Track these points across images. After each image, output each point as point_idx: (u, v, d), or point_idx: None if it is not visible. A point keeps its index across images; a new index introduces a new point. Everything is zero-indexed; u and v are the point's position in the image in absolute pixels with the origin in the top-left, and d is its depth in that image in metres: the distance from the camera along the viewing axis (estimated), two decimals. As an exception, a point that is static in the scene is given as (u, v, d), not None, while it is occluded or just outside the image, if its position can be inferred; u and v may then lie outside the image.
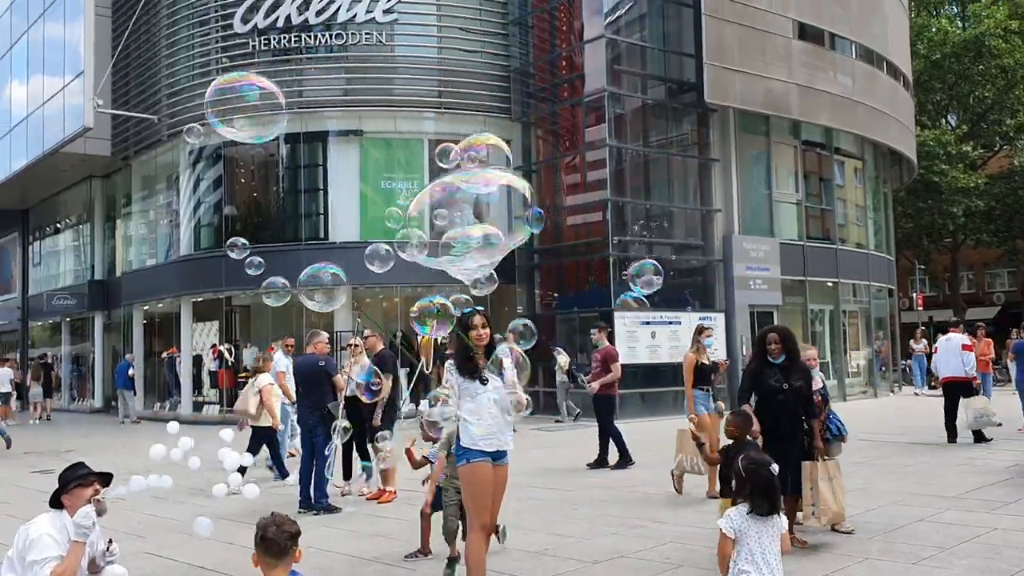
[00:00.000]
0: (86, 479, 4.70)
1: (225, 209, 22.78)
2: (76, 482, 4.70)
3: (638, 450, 12.45)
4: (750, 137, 22.68)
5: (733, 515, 4.11)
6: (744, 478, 4.18)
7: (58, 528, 4.53)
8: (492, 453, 5.38)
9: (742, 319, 21.18)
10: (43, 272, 33.71)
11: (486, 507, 5.34)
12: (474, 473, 5.34)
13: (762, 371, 7.17)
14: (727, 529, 4.07)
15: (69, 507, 4.60)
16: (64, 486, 4.70)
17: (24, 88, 28.33)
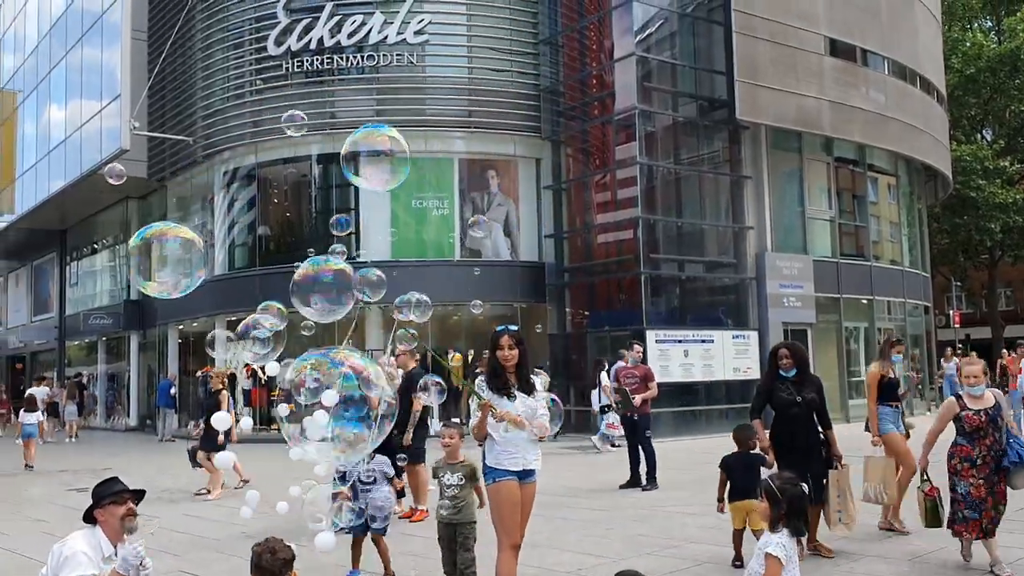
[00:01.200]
0: (120, 496, 4.67)
1: (259, 229, 23.02)
2: (110, 499, 4.66)
3: (671, 469, 12.36)
4: (782, 154, 22.55)
5: (784, 541, 3.98)
6: (779, 499, 4.07)
7: (92, 546, 4.52)
8: (518, 472, 5.37)
9: (776, 337, 20.91)
10: (80, 292, 34.18)
11: (515, 526, 5.32)
12: (500, 492, 5.33)
13: (775, 385, 7.43)
14: (783, 557, 3.94)
15: (102, 523, 4.58)
16: (98, 502, 4.68)
17: (63, 111, 28.87)
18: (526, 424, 5.35)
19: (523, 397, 5.45)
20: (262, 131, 22.42)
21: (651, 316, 19.57)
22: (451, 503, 5.92)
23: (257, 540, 6.83)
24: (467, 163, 22.28)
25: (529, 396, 5.48)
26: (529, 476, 5.39)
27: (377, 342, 21.31)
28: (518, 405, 5.41)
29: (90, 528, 4.58)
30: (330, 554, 6.06)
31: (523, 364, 5.53)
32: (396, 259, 21.52)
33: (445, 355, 21.74)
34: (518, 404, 5.42)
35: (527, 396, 5.47)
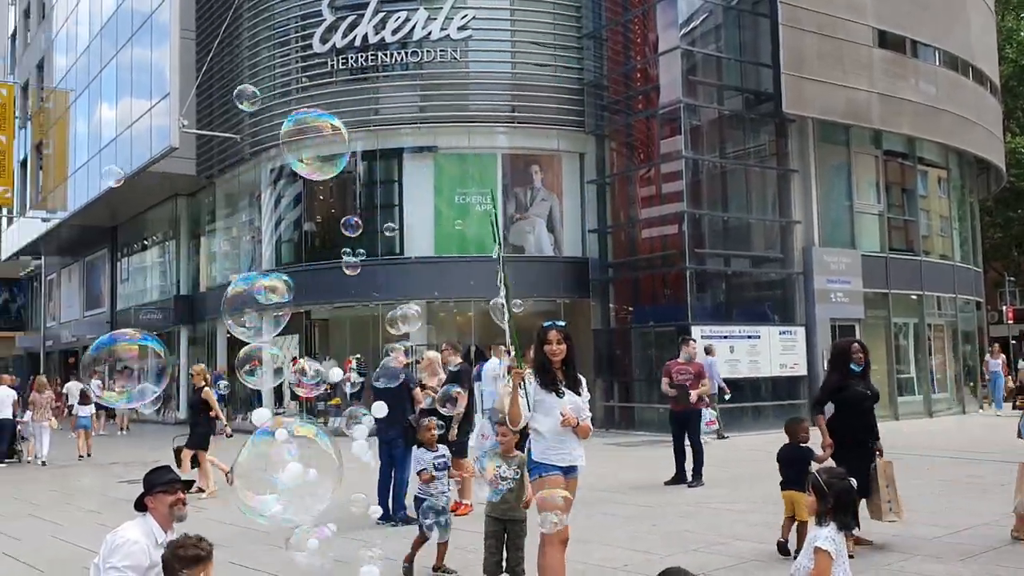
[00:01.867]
0: (171, 486, 4.76)
1: (304, 225, 23.26)
2: (161, 487, 4.74)
3: (715, 466, 12.27)
4: (830, 147, 22.23)
5: (833, 535, 3.95)
6: (827, 492, 4.04)
7: (145, 533, 4.61)
8: (564, 467, 5.38)
9: (823, 333, 20.71)
10: (131, 288, 34.82)
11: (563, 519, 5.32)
12: (547, 486, 5.33)
13: (847, 381, 7.56)
14: (833, 551, 3.91)
15: (152, 510, 4.66)
16: (149, 489, 4.77)
17: (113, 110, 29.38)
18: (572, 423, 5.36)
19: (570, 394, 5.45)
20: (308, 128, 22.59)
21: (696, 312, 19.42)
22: (505, 498, 5.88)
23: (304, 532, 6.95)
24: (510, 158, 22.29)
25: (577, 394, 5.48)
26: (573, 472, 5.41)
27: (421, 339, 21.44)
28: (565, 402, 5.41)
29: (142, 516, 4.67)
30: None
31: (570, 360, 5.53)
32: (439, 255, 21.62)
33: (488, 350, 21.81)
34: (565, 401, 5.42)
35: (574, 393, 5.47)
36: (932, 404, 23.08)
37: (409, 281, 21.44)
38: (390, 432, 9.63)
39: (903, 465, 12.89)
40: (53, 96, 36.53)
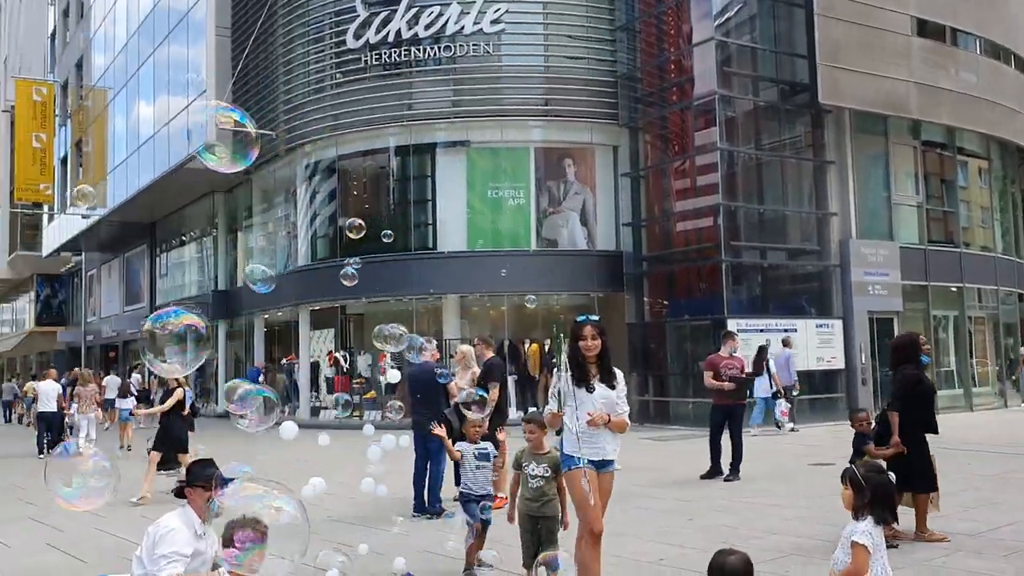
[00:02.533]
0: (208, 482, 4.85)
1: (339, 221, 23.39)
2: (201, 482, 4.85)
3: (752, 460, 12.20)
4: (867, 138, 21.95)
5: (870, 529, 3.91)
6: (863, 486, 4.00)
7: (186, 523, 4.70)
8: (596, 461, 5.38)
9: (861, 326, 20.49)
10: (170, 283, 35.28)
11: (597, 516, 5.30)
12: (576, 479, 5.34)
13: (922, 373, 7.61)
14: (871, 545, 3.88)
15: (190, 500, 4.78)
16: (190, 481, 4.87)
17: (151, 107, 29.76)
18: (600, 422, 5.35)
19: (602, 390, 5.45)
20: (342, 124, 22.79)
21: (732, 305, 19.28)
22: (536, 495, 5.88)
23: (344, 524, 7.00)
24: (543, 152, 22.26)
25: (611, 388, 5.49)
26: (607, 466, 5.42)
27: (455, 331, 21.54)
28: (596, 397, 5.41)
29: (182, 507, 4.76)
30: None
31: (605, 354, 5.54)
32: (472, 250, 21.66)
33: (521, 344, 21.86)
34: (596, 396, 5.41)
35: (608, 388, 5.47)
36: (973, 398, 22.75)
37: (442, 276, 21.52)
38: (426, 426, 9.66)
39: (943, 460, 12.75)
40: (92, 94, 37.08)
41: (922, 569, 6.54)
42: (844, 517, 8.22)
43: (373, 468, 6.11)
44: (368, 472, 6.38)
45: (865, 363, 20.38)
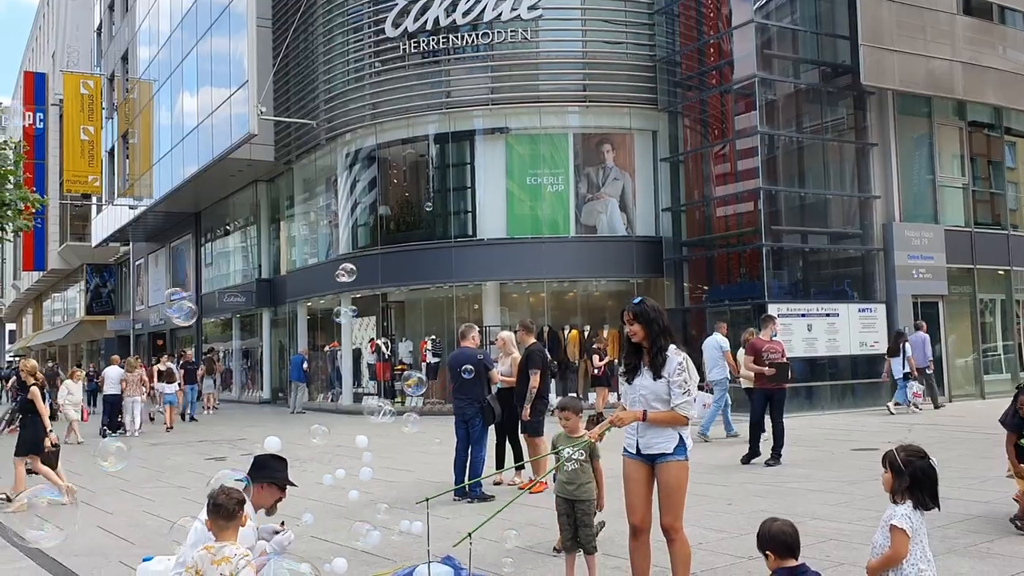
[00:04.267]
0: (283, 482, 5.05)
1: (380, 209, 23.60)
2: (278, 483, 5.04)
3: (792, 446, 12.16)
4: (911, 119, 21.60)
5: (908, 513, 3.90)
6: (903, 470, 3.98)
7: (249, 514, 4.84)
8: (634, 452, 5.20)
9: (904, 310, 20.24)
10: (215, 272, 35.83)
11: (631, 506, 5.23)
12: (623, 469, 5.32)
13: None
14: (909, 529, 3.87)
15: (256, 493, 4.92)
16: (267, 475, 5.01)
17: (194, 99, 30.18)
18: (609, 427, 5.25)
19: (644, 379, 5.14)
20: (381, 112, 22.95)
21: (773, 289, 19.14)
22: (571, 478, 5.93)
23: (384, 507, 7.15)
24: (582, 138, 22.23)
25: (658, 377, 5.11)
26: (660, 459, 5.10)
27: (494, 318, 21.64)
28: (637, 387, 5.17)
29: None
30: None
31: (654, 340, 5.15)
32: (512, 237, 21.73)
33: (561, 331, 21.90)
34: (637, 386, 5.17)
35: (653, 378, 5.11)
36: (1020, 383, 22.34)
37: (482, 263, 21.63)
38: (467, 411, 9.79)
39: (990, 444, 12.61)
40: (137, 87, 37.67)
41: (968, 551, 6.51)
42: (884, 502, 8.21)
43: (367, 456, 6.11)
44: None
45: (910, 347, 20.10)
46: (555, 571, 6.02)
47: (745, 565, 6.36)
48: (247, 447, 15.94)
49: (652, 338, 5.14)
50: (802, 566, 3.64)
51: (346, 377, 25.02)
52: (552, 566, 6.07)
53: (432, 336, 22.64)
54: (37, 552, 7.80)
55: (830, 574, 6.01)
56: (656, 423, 5.05)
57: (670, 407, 5.03)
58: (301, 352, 25.75)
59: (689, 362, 5.18)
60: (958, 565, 6.13)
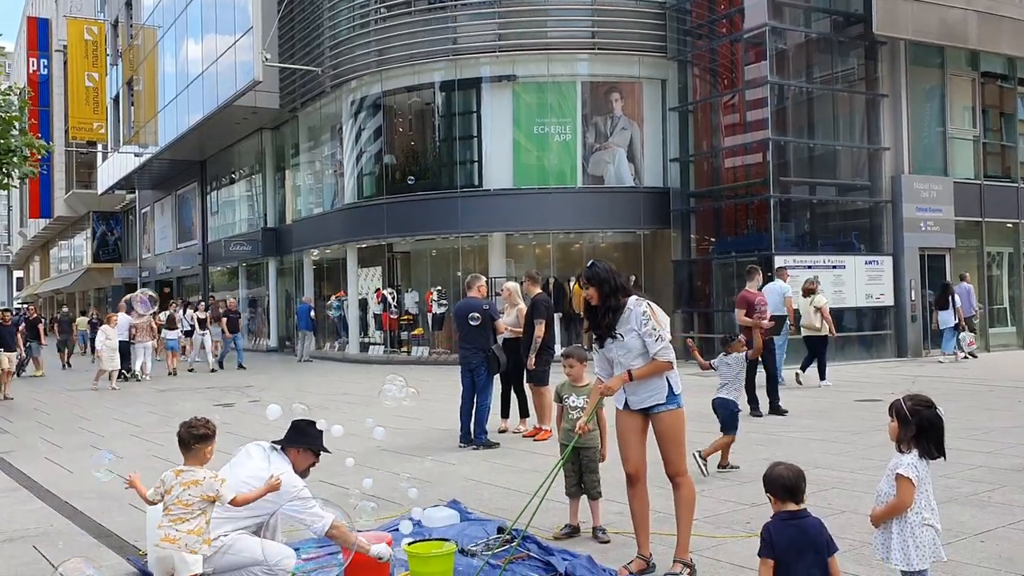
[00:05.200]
0: (318, 451, 5.15)
1: (385, 158, 23.48)
2: (314, 449, 5.13)
3: (797, 396, 12.22)
4: (922, 70, 21.34)
5: (914, 462, 3.91)
6: (909, 419, 3.99)
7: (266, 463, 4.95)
8: (626, 404, 5.22)
9: (911, 262, 20.20)
10: (220, 220, 35.82)
11: (625, 456, 5.24)
12: (616, 421, 5.37)
13: None
14: (915, 478, 3.89)
15: (294, 460, 5.03)
16: (306, 441, 5.10)
17: (199, 46, 29.90)
18: (601, 400, 5.32)
19: (614, 343, 5.13)
20: (387, 59, 22.72)
21: (780, 241, 19.10)
22: (575, 426, 5.96)
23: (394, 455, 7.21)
24: (590, 86, 22.00)
25: (613, 338, 5.11)
26: (653, 410, 5.14)
27: (500, 269, 21.66)
28: (608, 352, 5.17)
29: (283, 458, 5.01)
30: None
31: (602, 300, 5.13)
32: (518, 187, 21.63)
33: (567, 283, 21.91)
34: (608, 351, 5.17)
35: (620, 336, 5.09)
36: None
37: (488, 213, 21.57)
38: (472, 360, 9.85)
39: (994, 396, 12.66)
40: (142, 33, 37.33)
41: (968, 500, 6.57)
42: (887, 452, 8.28)
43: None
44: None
45: (915, 300, 20.14)
46: (559, 516, 6.10)
47: (747, 512, 6.43)
48: (255, 394, 16.09)
49: (602, 298, 5.13)
50: (803, 511, 3.67)
51: (352, 327, 25.13)
52: (556, 512, 6.15)
53: (438, 287, 22.67)
54: (48, 493, 7.93)
55: (831, 522, 6.05)
56: (643, 378, 5.07)
57: (650, 358, 5.03)
58: (304, 301, 25.83)
59: (654, 307, 5.11)
60: (959, 513, 6.19)
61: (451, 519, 6.14)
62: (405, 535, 5.47)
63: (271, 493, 4.72)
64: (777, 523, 3.65)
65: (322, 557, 5.50)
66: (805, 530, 3.62)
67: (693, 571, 5.01)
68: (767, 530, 3.64)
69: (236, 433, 10.92)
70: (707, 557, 5.35)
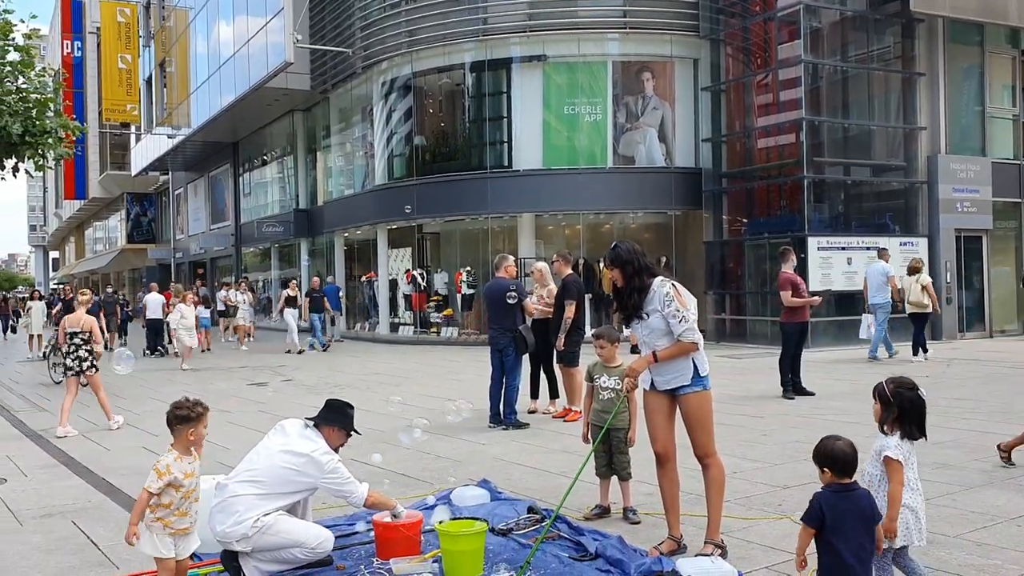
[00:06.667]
0: (348, 429, 5.17)
1: (415, 139, 23.49)
2: (346, 429, 5.16)
3: (829, 378, 12.12)
4: (961, 48, 20.95)
5: (899, 444, 3.95)
6: (891, 402, 4.03)
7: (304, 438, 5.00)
8: (651, 386, 5.21)
9: (947, 244, 19.93)
10: (253, 201, 36.05)
11: (653, 435, 5.24)
12: (643, 401, 5.35)
13: None
14: (901, 458, 3.92)
15: (327, 436, 5.04)
16: (340, 421, 5.12)
17: (230, 27, 30.01)
18: (634, 384, 5.27)
19: (639, 324, 5.14)
20: (417, 40, 22.67)
21: (813, 222, 18.90)
22: (607, 406, 5.94)
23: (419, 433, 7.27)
24: (621, 66, 21.83)
25: (639, 319, 5.10)
26: (678, 391, 5.12)
27: (529, 250, 21.63)
28: (636, 328, 5.18)
29: (317, 433, 5.02)
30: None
31: (627, 281, 5.11)
32: (548, 168, 21.55)
33: (597, 264, 21.82)
34: (635, 327, 5.18)
35: (646, 316, 5.08)
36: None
37: (518, 194, 21.52)
38: (501, 341, 9.85)
39: None
40: (174, 14, 37.53)
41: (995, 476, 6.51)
42: (921, 435, 8.19)
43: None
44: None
45: (950, 282, 19.87)
46: (589, 497, 6.10)
47: (779, 494, 6.40)
48: (288, 373, 16.22)
49: (627, 279, 5.12)
50: (854, 483, 3.73)
51: (383, 307, 25.25)
52: (587, 492, 6.15)
53: (467, 267, 22.70)
54: (86, 470, 8.06)
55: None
56: (667, 359, 5.04)
57: (675, 339, 5.00)
58: (331, 282, 25.95)
59: (679, 288, 5.08)
60: (995, 497, 6.12)
61: (481, 498, 6.16)
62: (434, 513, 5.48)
63: (310, 467, 4.78)
64: (829, 495, 3.69)
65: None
66: (857, 502, 3.68)
67: (724, 552, 5.00)
68: (818, 501, 3.68)
69: (269, 412, 11.05)
70: (738, 538, 5.33)
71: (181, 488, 4.28)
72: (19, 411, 12.36)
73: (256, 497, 4.70)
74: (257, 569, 4.69)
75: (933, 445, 7.91)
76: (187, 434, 4.40)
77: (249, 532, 4.60)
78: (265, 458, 4.88)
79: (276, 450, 4.90)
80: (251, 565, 4.68)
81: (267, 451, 4.92)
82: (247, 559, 4.67)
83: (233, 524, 4.62)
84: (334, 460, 4.87)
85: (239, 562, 4.68)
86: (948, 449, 7.75)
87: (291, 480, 4.79)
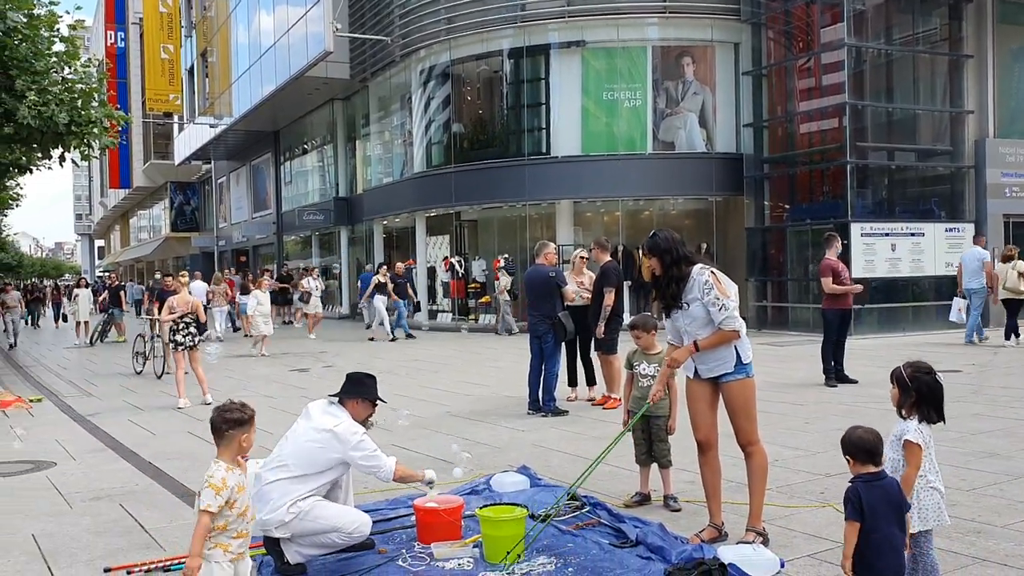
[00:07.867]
0: (374, 401, 5.19)
1: (453, 127, 23.51)
2: (370, 399, 5.17)
3: (873, 367, 11.97)
4: (1011, 28, 20.48)
5: (919, 428, 3.93)
6: (909, 386, 3.99)
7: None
8: (694, 374, 5.18)
9: (995, 230, 19.54)
10: (294, 190, 36.36)
11: (695, 423, 5.23)
12: (686, 389, 5.32)
13: None
14: (921, 442, 3.90)
15: (352, 411, 5.05)
16: (362, 393, 5.14)
17: (271, 17, 30.22)
18: (672, 373, 5.30)
19: (679, 314, 5.09)
20: (456, 27, 22.66)
21: (857, 208, 18.64)
22: (646, 393, 5.90)
23: (463, 420, 7.27)
24: (661, 51, 21.65)
25: (679, 308, 5.06)
26: (722, 379, 5.08)
27: (568, 237, 21.59)
28: (676, 317, 5.11)
29: (341, 409, 5.04)
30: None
31: (665, 270, 5.07)
32: (587, 154, 21.46)
33: (636, 251, 21.70)
34: (676, 316, 5.11)
35: (686, 306, 5.03)
36: None
37: (556, 181, 21.47)
38: (539, 328, 9.85)
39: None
40: (215, 4, 37.85)
41: None
42: (960, 423, 8.08)
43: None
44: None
45: (998, 269, 19.48)
46: (630, 484, 6.09)
47: (821, 482, 6.34)
48: (329, 360, 16.37)
49: (665, 268, 5.08)
50: (881, 472, 3.70)
51: (422, 294, 25.37)
52: (627, 480, 6.14)
53: (505, 255, 22.71)
54: (133, 454, 8.21)
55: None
56: (709, 348, 5.01)
57: (716, 327, 4.96)
58: (367, 270, 26.09)
59: (719, 275, 5.01)
60: (1043, 488, 6.02)
61: (521, 484, 6.18)
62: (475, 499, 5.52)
63: (334, 442, 4.81)
64: (863, 486, 3.67)
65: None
66: (887, 490, 3.67)
67: (766, 540, 4.97)
68: (856, 492, 3.65)
69: (311, 398, 11.15)
70: (780, 527, 5.29)
71: (235, 506, 3.85)
72: (68, 396, 12.62)
73: (288, 481, 4.73)
74: (299, 553, 4.74)
75: (981, 434, 7.79)
76: (240, 439, 3.99)
77: (286, 518, 4.64)
78: (292, 442, 4.93)
79: (301, 431, 4.94)
80: (293, 550, 4.73)
81: (294, 435, 4.97)
82: (288, 544, 4.72)
83: (269, 511, 4.66)
84: (359, 433, 4.88)
85: (281, 547, 4.73)
86: (996, 438, 7.63)
87: (318, 459, 4.80)
